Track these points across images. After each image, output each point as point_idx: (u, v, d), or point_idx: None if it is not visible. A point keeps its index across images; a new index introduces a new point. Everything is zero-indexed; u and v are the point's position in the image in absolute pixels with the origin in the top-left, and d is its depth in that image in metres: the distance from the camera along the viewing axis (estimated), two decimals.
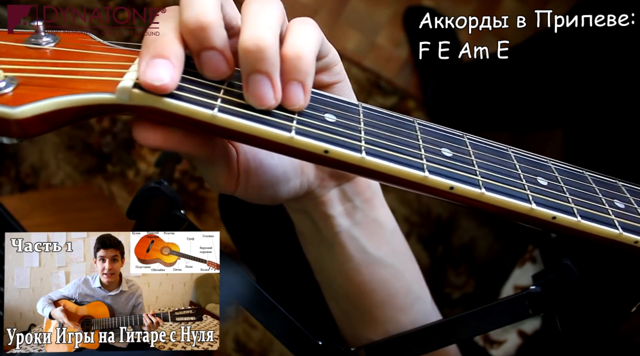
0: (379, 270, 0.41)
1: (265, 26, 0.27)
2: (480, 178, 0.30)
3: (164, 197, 0.37)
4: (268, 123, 0.27)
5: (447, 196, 0.29)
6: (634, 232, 0.31)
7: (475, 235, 1.20)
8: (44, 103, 0.25)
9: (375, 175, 0.29)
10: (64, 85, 0.26)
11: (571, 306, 0.34)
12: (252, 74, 0.27)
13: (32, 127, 0.25)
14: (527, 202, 0.30)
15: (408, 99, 1.25)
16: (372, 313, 0.43)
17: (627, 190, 0.35)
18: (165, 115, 0.27)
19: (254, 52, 0.26)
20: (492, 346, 0.76)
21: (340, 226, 0.40)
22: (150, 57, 0.26)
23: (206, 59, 0.28)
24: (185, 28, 0.27)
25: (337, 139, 0.28)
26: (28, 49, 0.29)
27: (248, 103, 0.28)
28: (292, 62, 0.28)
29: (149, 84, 0.26)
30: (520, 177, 0.31)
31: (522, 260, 0.85)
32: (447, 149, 0.31)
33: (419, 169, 0.29)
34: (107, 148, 1.32)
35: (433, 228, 1.21)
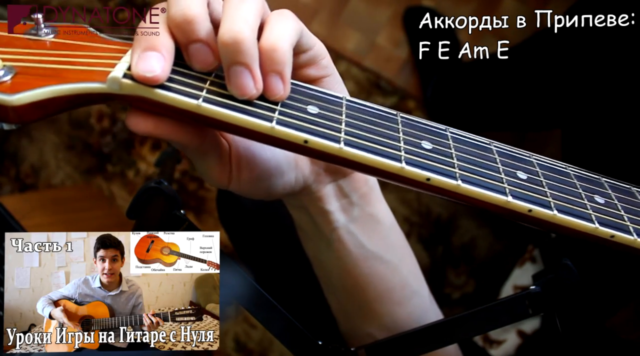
0: (376, 264, 0.42)
1: (242, 19, 0.28)
2: (457, 170, 0.30)
3: (164, 197, 0.37)
4: (250, 113, 0.29)
5: (424, 187, 0.30)
6: (610, 226, 0.31)
7: (475, 235, 1.20)
8: (39, 92, 0.26)
9: (353, 165, 0.30)
10: (59, 74, 0.28)
11: (571, 306, 0.34)
12: (232, 66, 0.28)
13: (28, 113, 0.27)
14: (504, 195, 0.30)
15: (408, 99, 1.25)
16: (370, 307, 0.43)
17: (609, 186, 0.35)
18: (154, 104, 0.28)
19: (231, 45, 0.28)
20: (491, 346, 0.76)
21: (338, 221, 0.40)
22: (141, 50, 0.28)
23: (193, 51, 0.29)
24: (173, 22, 0.28)
25: (316, 130, 0.29)
26: (28, 40, 0.31)
27: (231, 93, 0.29)
28: (268, 54, 0.29)
29: (141, 75, 0.27)
30: (500, 170, 0.32)
31: (522, 259, 0.85)
32: (427, 142, 0.32)
33: (396, 160, 0.29)
34: (107, 148, 1.32)
35: (433, 228, 1.21)
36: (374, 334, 0.43)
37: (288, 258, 0.66)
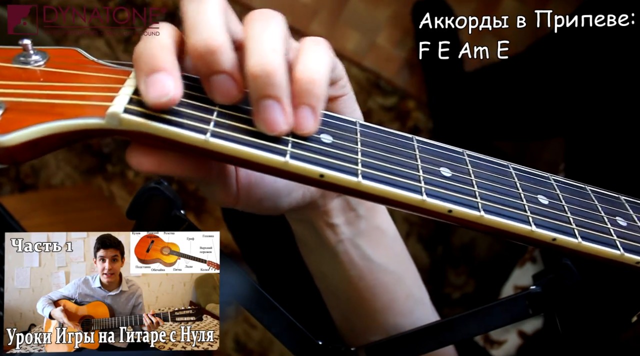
0: (382, 276, 0.41)
1: (270, 49, 0.26)
2: (479, 200, 0.29)
3: (164, 197, 0.37)
4: (262, 148, 0.27)
5: (446, 218, 0.29)
6: (635, 252, 0.31)
7: (475, 235, 1.20)
8: (32, 130, 0.24)
9: (372, 198, 0.29)
10: (53, 110, 0.26)
11: (571, 307, 0.34)
12: (261, 99, 0.27)
13: (21, 154, 0.24)
14: (527, 224, 0.29)
15: (408, 99, 1.25)
16: (374, 318, 0.43)
17: (630, 206, 0.35)
18: (157, 139, 0.26)
19: (262, 77, 0.26)
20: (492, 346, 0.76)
21: (344, 234, 0.40)
22: (146, 74, 0.26)
23: (216, 83, 0.27)
24: (194, 52, 0.26)
25: (333, 163, 0.28)
26: (17, 69, 0.28)
27: (259, 129, 0.27)
28: (305, 85, 0.27)
29: (154, 103, 0.25)
30: (521, 197, 0.31)
31: (522, 260, 0.85)
32: (446, 168, 0.31)
33: (417, 192, 0.28)
34: (107, 148, 1.32)
35: (433, 228, 1.21)
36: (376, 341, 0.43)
37: (291, 257, 0.66)
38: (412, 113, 1.25)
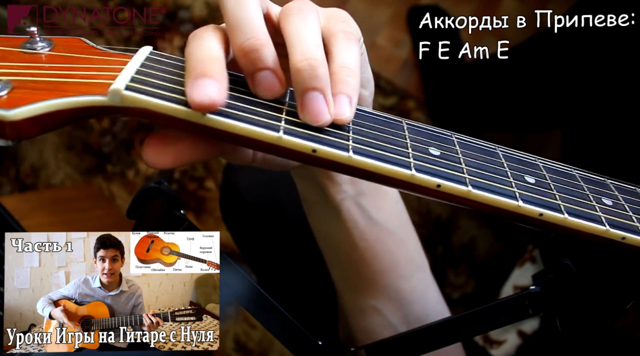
0: (383, 236, 0.42)
1: (312, 44, 0.28)
2: (467, 176, 0.30)
3: (163, 197, 0.37)
4: (256, 124, 0.28)
5: (435, 194, 0.30)
6: (621, 228, 0.31)
7: (475, 235, 1.20)
8: (37, 106, 0.25)
9: (363, 174, 0.29)
10: (58, 88, 0.27)
11: (571, 306, 0.34)
12: (306, 92, 0.28)
13: (26, 129, 0.25)
14: (514, 199, 0.30)
15: (408, 99, 1.25)
16: (374, 279, 0.43)
17: (615, 187, 0.35)
18: (156, 116, 0.27)
19: (307, 71, 0.28)
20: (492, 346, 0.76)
21: (347, 192, 0.41)
22: (193, 79, 0.27)
23: (261, 79, 0.29)
24: (240, 51, 0.28)
25: (325, 138, 0.29)
26: (23, 54, 0.29)
27: (304, 121, 0.29)
28: (343, 76, 0.29)
29: (197, 103, 0.26)
30: (508, 175, 0.32)
31: (522, 260, 0.85)
32: (435, 148, 0.31)
33: (406, 167, 0.29)
34: (107, 148, 1.32)
35: (433, 228, 1.21)
36: (378, 307, 0.44)
37: (290, 257, 0.66)
38: (412, 114, 1.25)
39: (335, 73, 0.29)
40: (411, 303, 0.44)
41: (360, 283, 0.44)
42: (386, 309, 0.44)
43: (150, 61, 0.30)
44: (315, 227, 0.45)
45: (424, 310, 0.45)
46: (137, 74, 0.28)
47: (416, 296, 0.44)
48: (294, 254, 0.66)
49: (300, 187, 0.44)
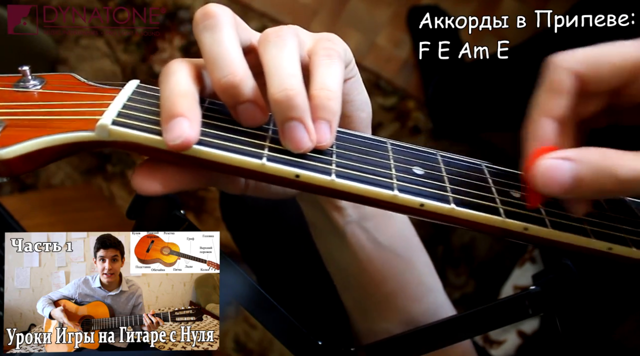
0: (391, 259, 0.42)
1: (289, 73, 0.28)
2: (450, 194, 0.30)
3: (163, 197, 0.37)
4: (239, 152, 0.28)
5: (419, 213, 0.30)
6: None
7: (475, 235, 1.20)
8: (28, 144, 0.26)
9: (347, 197, 0.29)
10: (48, 125, 0.28)
11: (571, 307, 0.34)
12: (286, 122, 0.28)
13: (18, 166, 0.26)
14: (499, 215, 0.30)
15: (408, 99, 1.25)
16: (386, 302, 0.43)
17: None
18: (144, 149, 0.28)
19: (284, 102, 0.28)
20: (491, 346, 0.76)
21: (350, 216, 0.40)
22: (165, 121, 0.27)
23: (242, 111, 0.29)
24: (218, 88, 0.28)
25: (307, 164, 0.29)
26: (16, 93, 0.31)
27: (286, 148, 0.29)
28: (321, 102, 0.29)
29: (172, 145, 0.27)
30: (492, 191, 0.32)
31: (522, 260, 0.85)
32: (419, 167, 0.32)
33: (388, 188, 0.29)
34: (107, 149, 1.32)
35: (433, 228, 1.21)
36: (391, 330, 0.43)
37: (291, 257, 0.66)
38: (412, 114, 1.25)
39: (314, 96, 0.29)
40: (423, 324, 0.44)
41: (370, 306, 0.44)
42: (398, 331, 0.43)
43: (136, 95, 0.31)
44: (323, 250, 0.45)
45: None
46: (124, 109, 0.29)
47: (428, 319, 0.44)
48: (294, 255, 0.66)
49: (305, 211, 0.43)
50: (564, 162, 0.27)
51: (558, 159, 0.27)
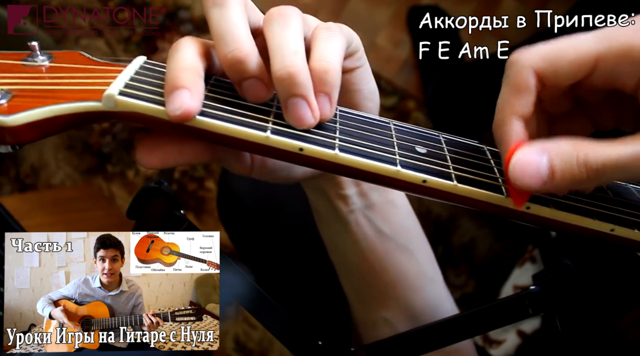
0: (392, 249, 0.42)
1: (292, 51, 0.29)
2: (453, 171, 0.30)
3: (163, 197, 0.37)
4: (244, 124, 0.29)
5: (421, 190, 0.30)
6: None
7: (475, 235, 1.20)
8: (35, 112, 0.27)
9: (350, 172, 0.30)
10: (55, 95, 0.28)
11: (571, 306, 0.34)
12: (289, 98, 0.29)
13: (24, 134, 0.27)
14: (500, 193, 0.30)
15: (408, 99, 1.25)
16: (385, 292, 0.43)
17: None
18: (149, 120, 0.28)
19: (287, 79, 0.28)
20: (491, 346, 0.76)
21: (355, 204, 0.41)
22: (168, 92, 0.28)
23: (247, 87, 0.30)
24: (225, 62, 0.29)
25: (311, 138, 0.29)
26: (25, 66, 0.31)
27: (289, 124, 0.29)
28: (319, 75, 0.29)
29: (173, 115, 0.27)
30: (495, 171, 0.32)
31: (522, 259, 0.85)
32: (421, 146, 0.32)
33: (391, 164, 0.29)
34: (107, 148, 1.32)
35: (433, 228, 1.21)
36: (390, 319, 0.44)
37: (288, 257, 0.66)
38: (412, 114, 1.25)
39: (312, 68, 0.29)
40: (422, 315, 0.44)
41: (370, 294, 0.44)
42: (397, 321, 0.43)
43: (143, 69, 0.31)
44: (326, 238, 0.45)
45: None
46: (131, 81, 0.29)
47: (428, 310, 0.44)
48: (292, 255, 0.66)
49: (311, 199, 0.44)
50: (536, 156, 0.27)
51: (531, 154, 0.27)
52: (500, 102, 0.30)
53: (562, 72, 0.29)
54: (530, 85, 0.29)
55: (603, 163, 0.27)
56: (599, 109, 0.33)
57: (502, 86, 0.30)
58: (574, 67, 0.28)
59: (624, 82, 0.28)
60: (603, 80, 0.29)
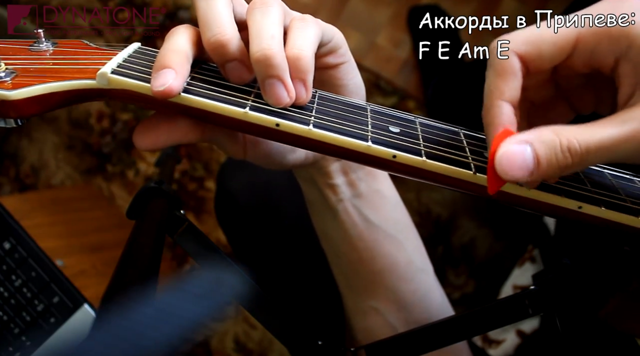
0: (381, 238, 0.43)
1: (269, 35, 0.30)
2: (423, 148, 0.31)
3: (164, 197, 0.37)
4: (225, 101, 0.31)
5: (391, 165, 0.31)
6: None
7: (475, 235, 1.20)
8: (35, 88, 0.29)
9: (322, 147, 0.31)
10: (55, 74, 0.31)
11: (571, 306, 0.34)
12: (266, 79, 0.30)
13: (25, 108, 0.29)
14: (469, 169, 0.31)
15: (408, 99, 1.25)
16: (374, 280, 0.44)
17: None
18: (139, 98, 0.31)
19: (263, 61, 0.30)
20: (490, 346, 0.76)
21: (343, 194, 0.42)
22: (154, 70, 0.30)
23: (230, 69, 0.32)
24: (209, 46, 0.31)
25: (287, 114, 0.31)
26: (30, 51, 0.34)
27: (268, 104, 0.31)
28: (293, 62, 0.31)
29: (155, 91, 0.29)
30: (466, 150, 0.32)
31: (522, 259, 0.85)
32: (395, 126, 0.33)
33: (362, 140, 0.31)
34: (107, 148, 1.32)
35: (433, 228, 1.21)
36: (380, 308, 0.44)
37: (286, 258, 0.66)
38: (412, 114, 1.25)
39: (287, 57, 0.31)
40: (412, 305, 0.44)
41: (360, 283, 0.45)
42: (386, 310, 0.44)
43: (137, 53, 0.34)
44: (318, 227, 0.46)
45: (425, 312, 0.45)
46: (124, 62, 0.32)
47: (417, 299, 0.44)
48: (290, 256, 0.66)
49: (303, 188, 0.45)
50: (520, 146, 0.28)
51: (516, 144, 0.28)
52: (487, 87, 0.30)
53: (546, 54, 0.29)
54: (515, 69, 0.29)
55: (587, 147, 0.27)
56: (579, 94, 0.34)
57: (488, 71, 0.30)
58: (557, 48, 0.29)
59: (602, 61, 0.29)
60: (583, 61, 0.30)
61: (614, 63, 0.29)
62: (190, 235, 0.37)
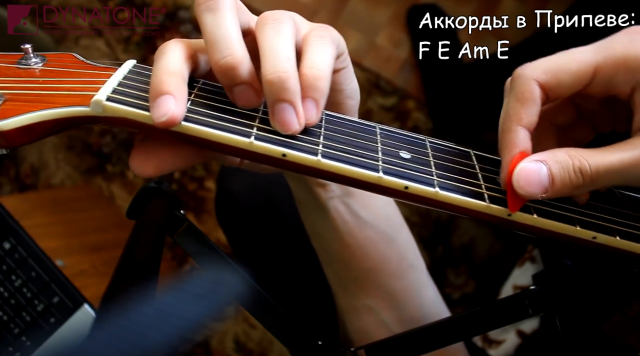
0: (372, 235, 0.43)
1: (284, 57, 0.29)
2: (435, 178, 0.31)
3: (164, 197, 0.37)
4: (229, 130, 0.29)
5: (403, 196, 0.30)
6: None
7: (475, 235, 1.20)
8: (25, 117, 0.27)
9: (332, 177, 0.30)
10: (45, 100, 0.29)
11: (571, 306, 0.34)
12: (276, 103, 0.29)
13: (16, 138, 0.27)
14: (483, 200, 0.31)
15: (408, 99, 1.25)
16: (366, 278, 0.44)
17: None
18: (137, 125, 0.29)
19: (276, 84, 0.29)
20: (490, 346, 0.76)
21: (334, 191, 0.42)
22: (152, 98, 0.28)
23: (238, 93, 0.30)
24: (217, 68, 0.29)
25: (294, 144, 0.30)
26: (18, 69, 0.31)
27: (275, 129, 0.30)
28: (309, 81, 0.30)
29: (157, 122, 0.28)
30: (479, 177, 0.32)
31: (522, 259, 0.85)
32: (406, 152, 0.32)
33: (374, 170, 0.30)
34: (107, 148, 1.32)
35: (433, 229, 1.21)
36: (372, 306, 0.44)
37: (286, 259, 0.66)
38: (412, 114, 1.25)
39: (303, 74, 0.30)
40: (405, 302, 0.44)
41: (352, 281, 0.45)
42: (379, 308, 0.44)
43: (132, 74, 0.31)
44: (308, 226, 0.46)
45: (418, 310, 0.45)
46: (119, 86, 0.30)
47: (410, 296, 0.44)
48: (290, 256, 0.66)
49: (292, 187, 0.44)
50: (537, 164, 0.29)
51: (533, 163, 0.29)
52: (505, 111, 0.31)
53: (565, 83, 0.30)
54: (535, 96, 0.30)
55: (597, 169, 0.29)
56: (598, 115, 0.35)
57: (508, 97, 0.32)
58: (575, 78, 0.30)
59: (620, 90, 0.31)
60: (601, 89, 0.31)
61: (631, 91, 0.30)
62: (190, 235, 0.37)
